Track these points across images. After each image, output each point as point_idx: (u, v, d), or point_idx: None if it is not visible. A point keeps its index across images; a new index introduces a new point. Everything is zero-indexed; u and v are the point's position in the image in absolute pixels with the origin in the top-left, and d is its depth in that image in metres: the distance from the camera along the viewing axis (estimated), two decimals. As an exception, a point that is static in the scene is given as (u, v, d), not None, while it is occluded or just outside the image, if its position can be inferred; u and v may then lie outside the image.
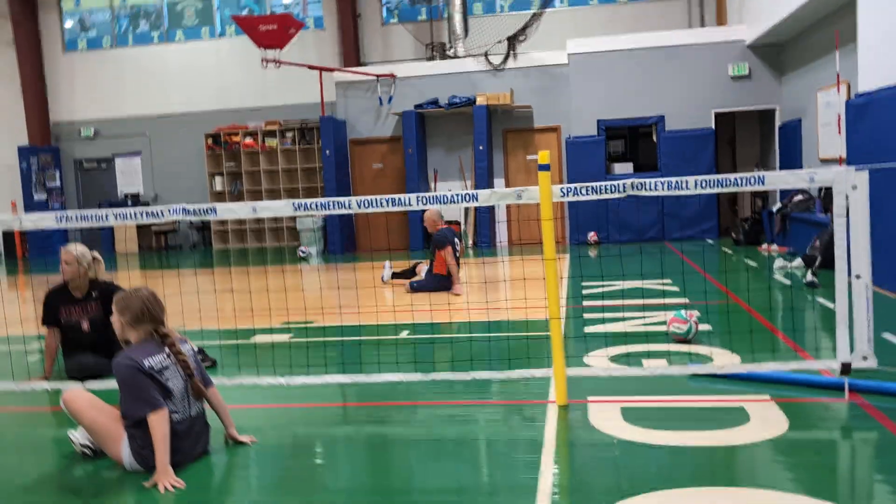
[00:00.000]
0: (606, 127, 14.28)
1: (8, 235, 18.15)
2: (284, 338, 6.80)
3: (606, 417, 4.18)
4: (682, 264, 10.24)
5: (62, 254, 5.60)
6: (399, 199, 4.46)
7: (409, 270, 9.82)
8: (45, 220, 4.81)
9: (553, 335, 4.40)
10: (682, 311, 5.85)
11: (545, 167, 4.29)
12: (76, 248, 5.63)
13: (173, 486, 3.45)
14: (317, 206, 4.43)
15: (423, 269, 9.45)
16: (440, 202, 4.52)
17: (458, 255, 9.07)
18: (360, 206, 4.45)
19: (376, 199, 4.43)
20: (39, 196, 18.33)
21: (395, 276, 9.85)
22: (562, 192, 4.46)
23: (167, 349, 3.76)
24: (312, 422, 4.52)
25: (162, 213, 4.59)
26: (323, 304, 8.31)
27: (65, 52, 18.79)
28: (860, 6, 8.04)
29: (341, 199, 4.38)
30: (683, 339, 5.71)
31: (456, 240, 9.14)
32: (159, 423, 3.53)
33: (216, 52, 18.14)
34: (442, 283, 8.93)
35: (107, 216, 4.70)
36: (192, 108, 18.02)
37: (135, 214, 4.67)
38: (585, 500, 3.18)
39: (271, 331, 7.05)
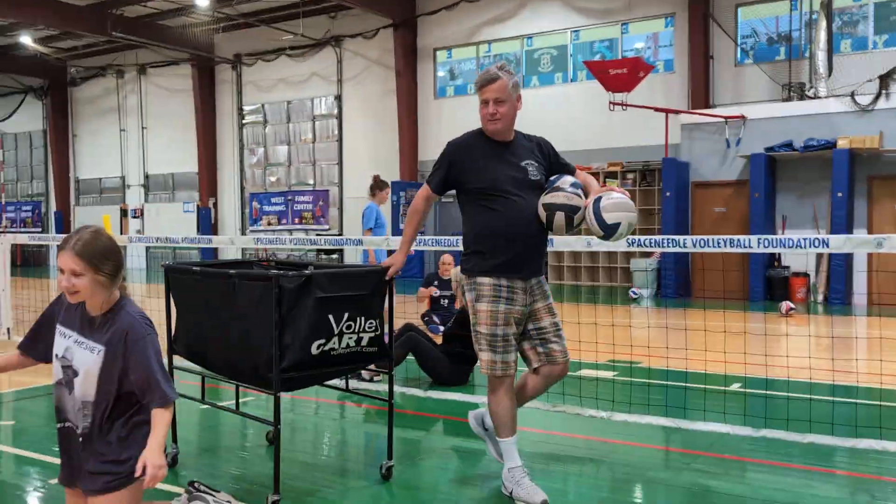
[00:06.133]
0: None
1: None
2: (609, 374, 6.84)
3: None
4: None
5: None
6: (738, 240, 4.29)
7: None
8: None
9: (912, 405, 3.88)
10: None
11: (913, 214, 3.84)
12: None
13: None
14: (650, 242, 4.45)
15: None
16: (785, 246, 4.27)
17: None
18: (694, 245, 4.37)
19: (712, 239, 4.31)
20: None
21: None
22: (933, 243, 3.94)
23: None
24: (630, 461, 4.50)
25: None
26: (649, 346, 8.18)
27: (435, 98, 21.05)
28: None
29: (675, 237, 4.34)
30: None
31: None
32: (170, 413, 2.69)
33: (565, 97, 18.93)
34: None
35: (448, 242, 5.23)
36: (540, 148, 18.97)
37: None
38: None
39: (597, 366, 7.14)
